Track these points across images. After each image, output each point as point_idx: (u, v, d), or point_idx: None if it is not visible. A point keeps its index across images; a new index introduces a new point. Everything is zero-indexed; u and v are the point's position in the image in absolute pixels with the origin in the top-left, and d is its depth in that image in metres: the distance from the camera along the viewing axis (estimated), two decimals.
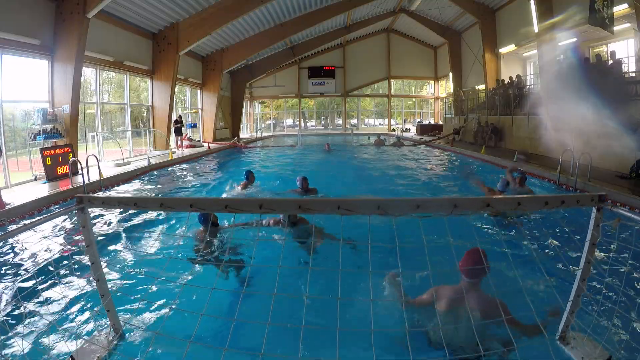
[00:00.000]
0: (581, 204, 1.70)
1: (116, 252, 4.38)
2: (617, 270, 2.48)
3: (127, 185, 8.48)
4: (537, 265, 3.29)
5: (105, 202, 1.85)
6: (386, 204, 1.50)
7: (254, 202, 1.62)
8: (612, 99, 8.10)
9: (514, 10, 15.19)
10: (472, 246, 2.27)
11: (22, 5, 7.88)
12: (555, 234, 4.54)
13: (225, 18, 13.59)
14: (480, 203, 1.61)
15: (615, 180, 7.01)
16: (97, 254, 1.98)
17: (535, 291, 2.75)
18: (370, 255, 1.83)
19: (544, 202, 1.65)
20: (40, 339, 2.37)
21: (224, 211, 1.57)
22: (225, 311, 2.76)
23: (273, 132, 27.92)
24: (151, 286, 3.30)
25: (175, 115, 15.43)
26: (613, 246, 1.82)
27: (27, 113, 8.55)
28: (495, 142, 13.65)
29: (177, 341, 2.39)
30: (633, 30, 9.44)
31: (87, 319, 2.72)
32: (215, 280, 2.89)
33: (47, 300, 3.03)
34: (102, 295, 2.00)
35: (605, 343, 1.83)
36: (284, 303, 2.47)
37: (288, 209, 1.60)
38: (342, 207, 1.48)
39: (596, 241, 1.75)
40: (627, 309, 1.80)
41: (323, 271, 3.25)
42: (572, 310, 1.90)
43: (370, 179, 9.17)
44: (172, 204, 1.74)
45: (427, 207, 1.53)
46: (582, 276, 1.81)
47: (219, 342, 2.40)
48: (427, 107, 29.50)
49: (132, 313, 2.89)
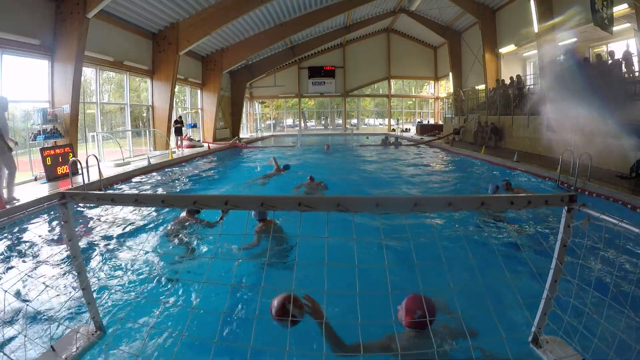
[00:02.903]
0: (550, 204, 1.66)
1: (99, 246, 4.44)
2: (588, 270, 2.47)
3: (127, 186, 8.49)
4: (508, 266, 3.30)
5: (86, 197, 1.91)
6: (345, 201, 1.52)
7: (255, 200, 1.62)
8: (612, 99, 8.11)
9: (514, 10, 15.20)
10: (413, 292, 2.05)
11: (22, 5, 7.89)
12: (529, 232, 4.59)
13: (225, 18, 13.61)
14: (440, 201, 1.61)
15: (615, 180, 7.02)
16: (79, 248, 2.04)
17: (507, 293, 2.74)
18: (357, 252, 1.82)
19: (509, 202, 1.62)
20: (21, 330, 2.42)
21: (223, 207, 1.58)
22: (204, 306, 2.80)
23: (273, 132, 27.94)
24: (133, 279, 3.39)
25: (175, 115, 15.45)
26: (584, 245, 1.81)
27: (27, 113, 8.55)
28: (495, 142, 13.66)
29: (157, 332, 2.44)
30: (633, 30, 9.45)
31: (69, 311, 2.78)
32: (204, 276, 2.91)
33: (28, 291, 3.10)
34: (83, 288, 2.05)
35: (578, 345, 1.81)
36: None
37: (288, 205, 1.60)
38: (303, 204, 1.52)
39: (567, 242, 1.72)
40: (599, 310, 1.79)
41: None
42: (544, 312, 1.87)
43: (369, 179, 9.20)
44: (145, 200, 1.81)
45: (387, 205, 1.56)
46: (553, 277, 1.78)
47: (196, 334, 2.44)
48: (427, 107, 29.52)
49: (112, 305, 2.98)
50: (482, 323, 2.11)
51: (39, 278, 3.45)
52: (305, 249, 3.40)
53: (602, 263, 2.92)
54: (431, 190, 7.82)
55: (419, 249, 3.74)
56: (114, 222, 5.39)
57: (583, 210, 1.63)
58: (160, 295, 3.16)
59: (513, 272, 3.34)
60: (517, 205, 1.61)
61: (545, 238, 4.15)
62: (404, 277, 3.02)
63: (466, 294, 2.68)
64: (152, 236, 4.81)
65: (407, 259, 3.79)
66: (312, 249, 3.84)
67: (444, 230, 4.97)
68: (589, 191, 6.63)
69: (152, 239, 4.68)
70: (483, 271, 3.20)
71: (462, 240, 4.06)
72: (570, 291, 1.93)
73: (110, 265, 3.88)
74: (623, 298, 1.78)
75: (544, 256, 3.17)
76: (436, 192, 7.67)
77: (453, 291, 2.17)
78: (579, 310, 1.84)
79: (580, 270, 1.92)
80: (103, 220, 5.52)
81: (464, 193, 7.26)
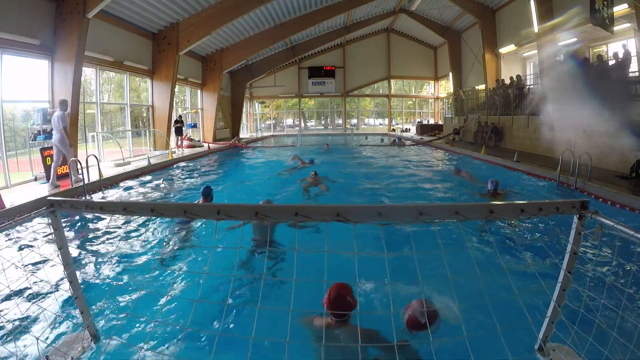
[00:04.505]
0: (561, 212, 1.58)
1: (92, 254, 4.39)
2: (599, 279, 2.43)
3: (126, 185, 8.48)
4: (515, 273, 3.24)
5: (74, 205, 1.90)
6: (345, 210, 1.47)
7: (249, 209, 1.56)
8: (612, 99, 8.11)
9: (514, 10, 15.20)
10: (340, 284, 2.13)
11: (22, 5, 7.88)
12: (540, 240, 4.54)
13: (225, 18, 13.59)
14: (447, 210, 1.54)
15: (615, 180, 7.01)
16: (70, 256, 2.01)
17: (515, 300, 2.73)
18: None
19: (519, 210, 1.54)
20: (14, 340, 2.38)
21: (215, 218, 1.54)
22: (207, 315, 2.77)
23: (273, 132, 27.93)
24: (127, 287, 3.36)
25: (175, 115, 15.44)
26: (595, 253, 1.76)
27: (27, 113, 8.55)
28: (495, 142, 13.66)
29: (153, 339, 2.41)
30: (633, 30, 9.44)
31: (62, 320, 2.74)
32: (199, 291, 2.86)
33: (21, 301, 3.05)
34: (76, 297, 2.03)
35: (586, 355, 1.77)
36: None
37: (284, 215, 1.57)
38: (300, 214, 1.46)
39: (577, 250, 1.65)
40: (609, 320, 1.75)
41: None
42: (551, 320, 1.83)
43: (369, 175, 9.23)
44: (134, 209, 1.78)
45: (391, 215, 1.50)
46: (562, 286, 1.73)
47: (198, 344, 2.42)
48: (427, 107, 29.51)
49: (107, 314, 2.94)
50: (487, 329, 2.10)
51: (32, 286, 3.40)
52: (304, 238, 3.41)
53: (612, 270, 2.84)
54: (431, 190, 7.81)
55: (419, 246, 3.73)
56: (108, 227, 5.33)
57: (596, 217, 1.55)
58: (156, 302, 3.12)
59: (520, 277, 3.31)
60: (527, 212, 1.54)
61: (557, 243, 4.08)
62: (406, 281, 3.02)
63: (469, 297, 2.66)
64: (148, 241, 4.77)
65: (409, 263, 3.78)
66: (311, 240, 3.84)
67: (446, 228, 4.94)
68: (588, 192, 6.63)
69: (148, 244, 4.64)
70: (486, 272, 3.19)
71: (464, 241, 4.04)
72: (580, 299, 1.90)
73: (104, 272, 3.82)
74: (633, 305, 1.74)
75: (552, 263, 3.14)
76: (436, 192, 7.67)
77: (455, 293, 2.16)
78: (588, 319, 1.79)
79: (589, 279, 1.87)
80: (97, 227, 5.45)
81: (463, 194, 7.24)
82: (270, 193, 7.19)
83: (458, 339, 1.62)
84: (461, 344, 1.64)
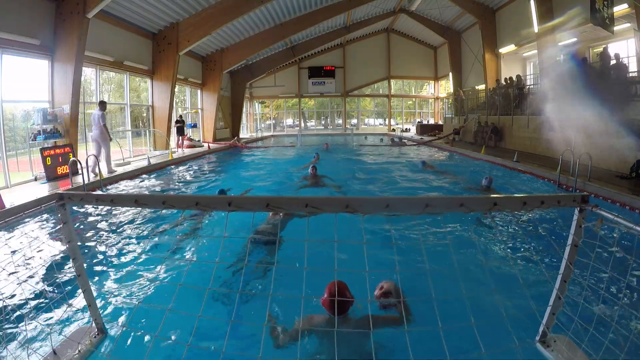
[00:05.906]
0: (562, 205, 1.63)
1: (101, 248, 4.43)
2: (600, 271, 2.46)
3: (126, 185, 8.49)
4: (518, 266, 3.27)
5: (84, 199, 1.85)
6: (354, 202, 1.49)
7: (261, 200, 1.57)
8: (612, 99, 8.10)
9: (514, 10, 15.20)
10: (334, 280, 2.25)
11: (22, 5, 7.88)
12: (540, 233, 4.57)
13: (225, 18, 13.59)
14: (452, 202, 1.57)
15: (615, 180, 7.01)
16: (78, 250, 2.01)
17: (517, 291, 2.74)
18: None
19: (522, 203, 1.57)
20: (22, 334, 2.40)
21: (227, 209, 1.55)
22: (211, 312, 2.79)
23: (273, 132, 27.92)
24: (134, 282, 3.37)
25: (175, 115, 15.44)
26: (595, 247, 1.79)
27: (27, 113, 8.54)
28: (495, 142, 13.66)
29: (160, 333, 2.42)
30: (633, 30, 9.45)
31: (70, 314, 2.76)
32: (209, 283, 2.90)
33: (29, 294, 3.08)
34: (84, 290, 2.02)
35: (586, 347, 1.80)
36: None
37: (294, 207, 1.58)
38: (310, 205, 1.47)
39: (578, 243, 1.70)
40: (610, 311, 1.77)
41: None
42: (552, 312, 1.85)
43: (370, 172, 9.25)
44: (145, 201, 1.76)
45: (396, 207, 1.52)
46: (563, 278, 1.77)
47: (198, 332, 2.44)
48: (427, 107, 29.51)
49: (114, 307, 2.97)
50: (489, 319, 2.10)
51: (40, 280, 3.43)
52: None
53: (613, 264, 2.89)
54: (430, 190, 7.83)
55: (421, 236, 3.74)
56: (116, 222, 5.39)
57: (596, 211, 1.59)
58: (164, 296, 3.13)
59: (524, 267, 3.31)
60: (529, 205, 1.57)
61: (559, 237, 4.11)
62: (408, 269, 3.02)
63: (471, 289, 2.67)
64: (156, 236, 4.80)
65: (412, 252, 3.80)
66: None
67: (449, 220, 4.96)
68: (588, 192, 6.63)
69: (155, 239, 4.68)
70: (488, 261, 3.18)
71: (468, 232, 4.05)
72: (581, 291, 1.91)
73: (112, 265, 3.86)
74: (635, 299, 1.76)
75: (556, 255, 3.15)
76: (436, 190, 7.69)
77: (461, 283, 2.17)
78: (589, 311, 1.81)
79: (590, 271, 1.90)
80: (106, 220, 5.51)
81: (463, 193, 7.24)
82: (271, 192, 7.21)
83: (465, 325, 1.66)
84: (467, 331, 1.69)
